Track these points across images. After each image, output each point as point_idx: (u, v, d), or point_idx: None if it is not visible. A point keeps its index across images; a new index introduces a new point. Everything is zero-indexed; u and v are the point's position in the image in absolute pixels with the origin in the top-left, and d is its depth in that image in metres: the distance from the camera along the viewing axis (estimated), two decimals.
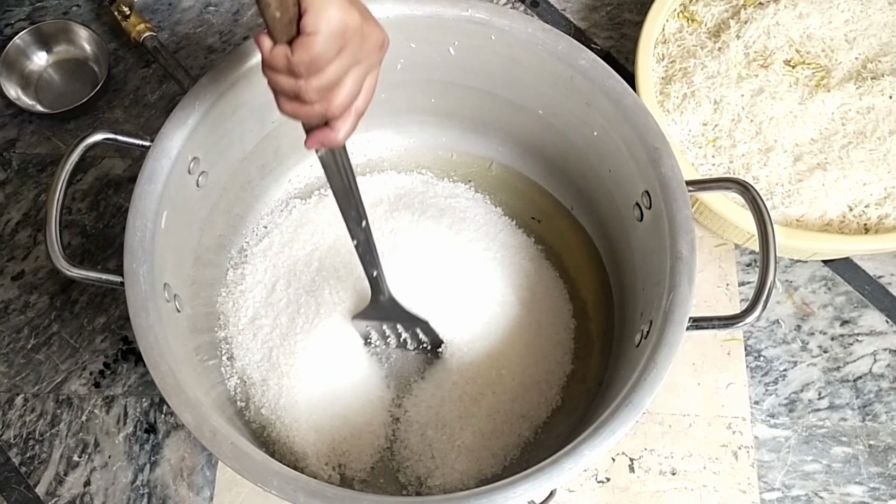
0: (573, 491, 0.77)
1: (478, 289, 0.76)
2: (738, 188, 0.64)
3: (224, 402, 0.71)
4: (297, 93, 0.47)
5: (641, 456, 0.78)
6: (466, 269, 0.77)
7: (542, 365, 0.75)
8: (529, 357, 0.75)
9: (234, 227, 0.79)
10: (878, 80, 0.82)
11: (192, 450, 0.79)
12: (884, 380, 0.82)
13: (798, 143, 0.81)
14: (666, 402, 0.80)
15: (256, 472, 0.55)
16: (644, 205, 0.67)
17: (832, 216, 0.79)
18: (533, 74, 0.72)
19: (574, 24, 0.99)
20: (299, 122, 0.51)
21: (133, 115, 0.94)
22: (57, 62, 0.96)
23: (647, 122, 0.66)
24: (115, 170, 0.91)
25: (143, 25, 0.94)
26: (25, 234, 0.88)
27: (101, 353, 0.83)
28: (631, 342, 0.67)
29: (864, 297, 0.85)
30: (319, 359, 0.73)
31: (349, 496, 0.54)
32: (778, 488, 0.77)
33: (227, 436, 0.56)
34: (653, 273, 0.66)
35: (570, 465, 0.55)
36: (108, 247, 0.87)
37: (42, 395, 0.81)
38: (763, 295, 0.60)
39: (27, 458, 0.79)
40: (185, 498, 0.77)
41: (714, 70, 0.84)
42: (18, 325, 0.84)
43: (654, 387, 0.57)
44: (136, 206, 0.62)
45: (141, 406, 0.81)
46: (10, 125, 0.94)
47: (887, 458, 0.79)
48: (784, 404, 0.81)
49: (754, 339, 0.83)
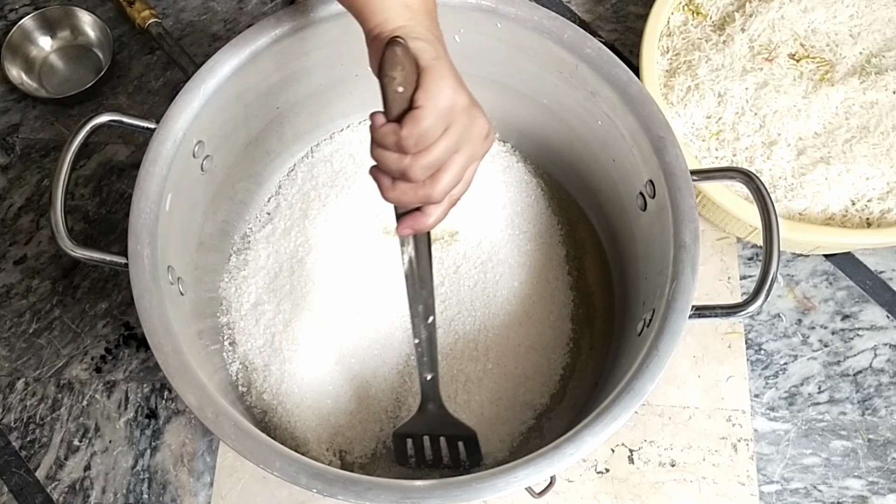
0: (572, 481, 0.77)
1: (487, 272, 0.77)
2: (741, 178, 0.64)
3: (226, 387, 0.71)
4: (403, 171, 0.48)
5: (641, 447, 0.79)
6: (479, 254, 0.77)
7: (542, 352, 0.75)
8: (530, 344, 0.75)
9: (237, 212, 0.80)
10: (882, 76, 0.82)
11: (192, 435, 0.79)
12: (884, 374, 0.82)
13: (801, 137, 0.81)
14: (666, 394, 0.80)
15: (259, 454, 0.55)
16: (648, 194, 0.67)
17: (835, 210, 0.79)
18: (538, 63, 0.72)
19: (579, 16, 0.99)
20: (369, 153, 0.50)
21: (137, 102, 0.94)
22: (61, 47, 0.96)
23: (651, 111, 0.66)
24: (119, 156, 0.91)
25: (148, 12, 0.93)
26: (28, 218, 0.88)
27: (102, 338, 0.83)
28: (633, 331, 0.67)
29: (866, 291, 0.85)
30: (322, 345, 0.73)
31: (350, 479, 0.54)
32: (777, 481, 0.77)
33: (229, 417, 0.56)
34: (656, 262, 0.66)
35: (572, 450, 0.55)
36: (111, 232, 0.87)
37: (43, 380, 0.81)
38: (766, 284, 0.60)
39: (27, 442, 0.79)
40: (186, 483, 0.77)
41: (718, 63, 0.84)
42: (20, 310, 0.84)
43: (656, 374, 0.57)
44: (141, 187, 0.62)
45: (142, 391, 0.81)
46: (13, 110, 0.94)
47: (886, 452, 0.79)
48: (784, 398, 0.81)
49: (755, 332, 0.83)
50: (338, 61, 0.75)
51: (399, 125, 0.47)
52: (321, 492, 0.54)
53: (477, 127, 0.50)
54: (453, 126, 0.48)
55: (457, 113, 0.48)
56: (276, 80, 0.72)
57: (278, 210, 0.82)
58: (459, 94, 0.48)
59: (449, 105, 0.47)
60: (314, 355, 0.73)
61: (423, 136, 0.47)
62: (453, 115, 0.48)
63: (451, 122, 0.48)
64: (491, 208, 0.80)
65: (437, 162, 0.48)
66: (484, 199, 0.80)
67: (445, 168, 0.49)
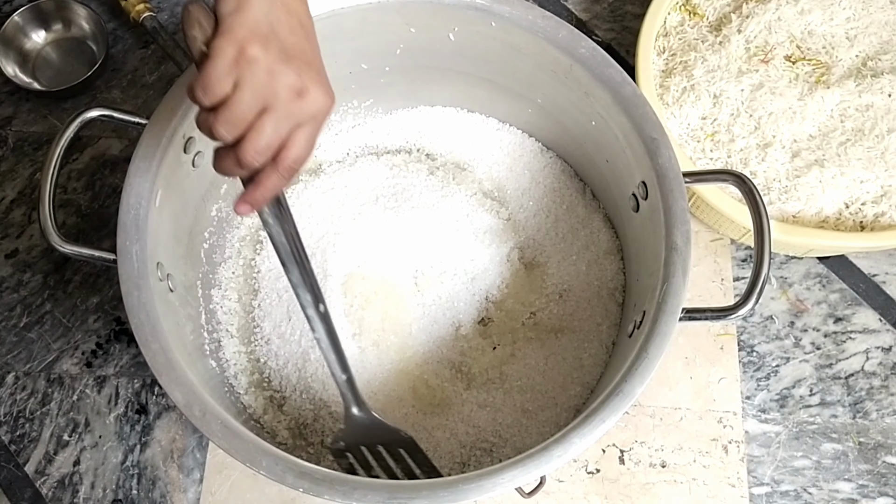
0: (563, 481, 0.77)
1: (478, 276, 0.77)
2: (734, 180, 0.64)
3: (216, 385, 0.71)
4: (210, 129, 0.47)
5: (632, 448, 0.78)
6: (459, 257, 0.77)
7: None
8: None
9: (228, 209, 0.79)
10: (878, 78, 0.82)
11: (182, 431, 0.79)
12: (875, 377, 0.82)
13: (796, 139, 0.81)
14: (658, 395, 0.80)
15: (245, 453, 0.55)
16: (640, 195, 0.67)
17: (828, 213, 0.79)
18: (532, 62, 0.72)
19: (576, 15, 0.99)
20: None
21: (131, 96, 0.93)
22: (55, 40, 0.96)
23: (644, 112, 0.65)
24: (112, 150, 0.91)
25: (143, 6, 0.93)
26: (20, 212, 0.88)
27: (93, 333, 0.83)
28: (624, 332, 0.67)
29: (859, 294, 0.85)
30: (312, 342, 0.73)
31: (337, 478, 0.54)
32: (767, 483, 0.77)
33: (216, 415, 0.56)
34: (647, 264, 0.66)
35: (560, 452, 0.55)
36: (104, 227, 0.87)
37: (33, 374, 0.81)
38: (756, 287, 0.60)
39: (17, 437, 0.79)
40: (175, 479, 0.77)
41: (714, 64, 0.83)
42: (11, 304, 0.84)
43: (646, 377, 0.57)
44: (131, 183, 0.62)
45: (132, 387, 0.80)
46: (6, 103, 0.93)
47: (877, 455, 0.79)
48: (775, 400, 0.81)
49: (747, 334, 0.83)
50: (331, 58, 0.74)
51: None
52: (308, 491, 0.54)
53: (280, 83, 0.47)
54: (244, 79, 0.46)
55: (245, 65, 0.46)
56: None
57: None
58: (251, 46, 0.46)
59: (234, 55, 0.45)
60: (304, 354, 0.73)
61: (211, 84, 0.45)
62: (241, 67, 0.46)
63: (242, 75, 0.46)
64: None
65: (238, 119, 0.46)
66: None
67: (254, 127, 0.47)
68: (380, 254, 0.76)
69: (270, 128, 0.47)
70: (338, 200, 0.79)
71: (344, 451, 0.65)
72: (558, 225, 0.79)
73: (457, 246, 0.76)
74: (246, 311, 0.77)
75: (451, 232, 0.77)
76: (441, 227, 0.77)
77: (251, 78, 0.46)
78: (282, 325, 0.74)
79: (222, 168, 0.49)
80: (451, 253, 0.76)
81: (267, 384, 0.74)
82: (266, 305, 0.76)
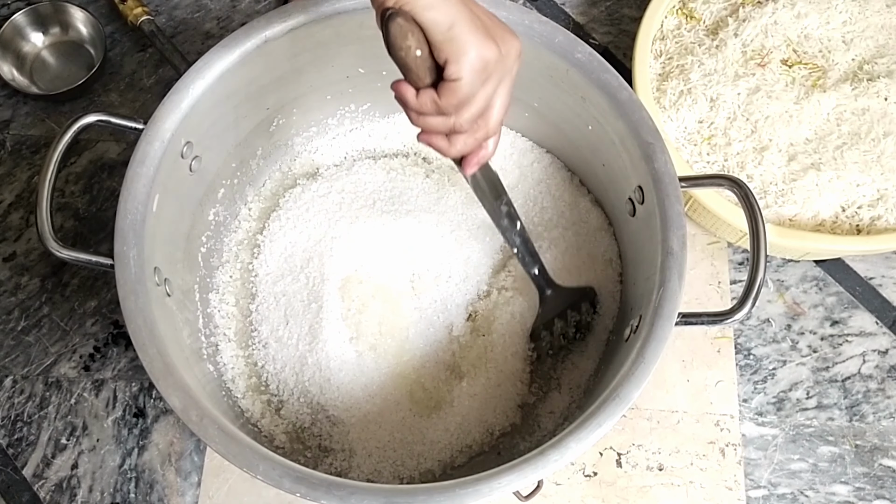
0: (560, 484, 0.77)
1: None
2: (730, 185, 0.64)
3: (214, 389, 0.71)
4: (452, 129, 0.50)
5: (629, 451, 0.79)
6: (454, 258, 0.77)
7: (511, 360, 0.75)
8: (509, 347, 0.75)
9: (226, 214, 0.79)
10: (874, 82, 0.82)
11: (180, 435, 0.79)
12: (872, 381, 0.82)
13: (793, 143, 0.81)
14: (655, 398, 0.80)
15: (242, 457, 0.55)
16: (637, 200, 0.67)
17: (825, 216, 0.79)
18: (529, 67, 0.71)
19: (573, 18, 0.99)
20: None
21: (129, 99, 0.94)
22: (53, 44, 0.96)
23: (641, 116, 0.66)
24: (110, 153, 0.91)
25: (141, 9, 0.93)
26: (18, 215, 0.88)
27: (91, 336, 0.83)
28: (620, 337, 0.67)
29: (855, 297, 0.85)
30: (310, 346, 0.73)
31: (333, 483, 0.54)
32: (764, 486, 0.78)
33: (213, 420, 0.56)
34: (644, 268, 0.66)
35: (556, 456, 0.55)
36: (101, 230, 0.87)
37: (31, 378, 0.81)
38: (752, 292, 0.60)
39: (14, 440, 0.79)
40: (173, 483, 0.77)
41: (711, 68, 0.84)
42: (9, 307, 0.84)
43: (642, 381, 0.58)
44: (128, 188, 0.62)
45: (130, 390, 0.80)
46: (4, 106, 0.93)
47: (873, 458, 0.79)
48: (772, 403, 0.81)
49: (744, 337, 0.83)
50: (329, 63, 0.75)
51: (436, 93, 0.48)
52: (304, 496, 0.54)
53: (510, 60, 0.50)
54: (491, 76, 0.49)
55: (491, 67, 0.49)
56: (266, 81, 0.72)
57: (267, 212, 0.81)
58: (488, 48, 0.48)
59: (482, 65, 0.48)
60: (302, 356, 0.73)
61: (464, 100, 0.48)
62: (488, 71, 0.49)
63: (489, 75, 0.49)
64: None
65: (482, 109, 0.50)
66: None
67: (492, 105, 0.51)
68: (377, 257, 0.76)
69: (503, 99, 0.52)
70: (335, 204, 0.79)
71: (541, 331, 0.74)
72: (553, 219, 0.79)
73: (452, 249, 0.77)
74: (243, 315, 0.77)
75: (446, 235, 0.77)
76: (437, 231, 0.77)
77: (496, 73, 0.49)
78: (279, 329, 0.74)
79: (461, 153, 0.53)
80: (447, 256, 0.76)
81: (265, 388, 0.74)
82: (263, 309, 0.76)
